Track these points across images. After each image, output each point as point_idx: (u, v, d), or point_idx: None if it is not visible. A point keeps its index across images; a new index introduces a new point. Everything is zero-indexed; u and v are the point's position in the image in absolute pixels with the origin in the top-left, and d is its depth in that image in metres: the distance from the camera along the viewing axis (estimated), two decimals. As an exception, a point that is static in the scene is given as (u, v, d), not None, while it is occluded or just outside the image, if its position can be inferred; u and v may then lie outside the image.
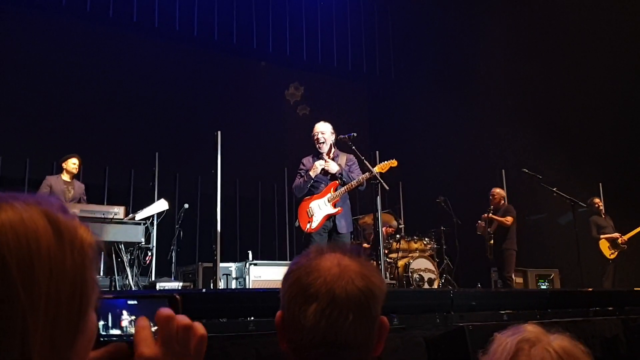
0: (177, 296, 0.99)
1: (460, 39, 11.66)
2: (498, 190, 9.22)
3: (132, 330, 1.04)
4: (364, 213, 9.28)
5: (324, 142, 6.00)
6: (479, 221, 9.05)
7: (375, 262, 6.39)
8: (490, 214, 8.93)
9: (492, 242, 8.96)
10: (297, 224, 5.99)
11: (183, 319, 0.90)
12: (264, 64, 12.45)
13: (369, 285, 1.18)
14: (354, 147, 5.88)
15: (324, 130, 6.04)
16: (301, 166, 6.11)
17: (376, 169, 5.95)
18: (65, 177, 7.44)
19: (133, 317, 1.05)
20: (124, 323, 1.06)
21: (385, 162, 6.07)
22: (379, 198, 5.91)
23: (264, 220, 11.52)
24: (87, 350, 0.81)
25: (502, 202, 9.12)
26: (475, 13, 11.36)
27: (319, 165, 5.93)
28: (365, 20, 13.09)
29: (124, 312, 1.06)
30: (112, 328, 1.03)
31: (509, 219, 8.84)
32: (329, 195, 5.89)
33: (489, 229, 8.92)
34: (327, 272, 1.17)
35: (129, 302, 1.06)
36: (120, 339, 1.02)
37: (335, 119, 6.28)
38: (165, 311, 0.89)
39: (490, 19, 11.00)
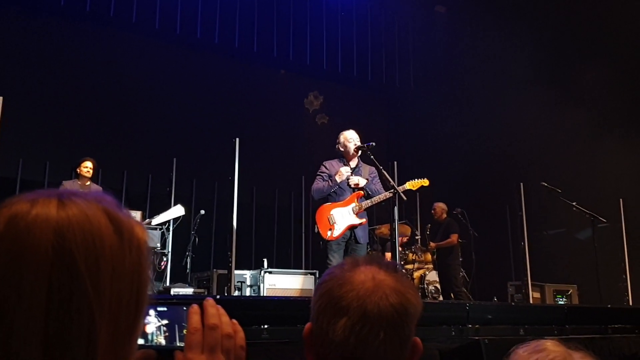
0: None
1: (480, 50, 11.60)
2: (439, 204, 9.48)
3: (160, 338, 1.03)
4: (381, 223, 9.25)
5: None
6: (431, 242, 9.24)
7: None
8: (432, 243, 9.17)
9: (435, 257, 9.17)
10: (316, 229, 5.89)
11: (227, 327, 0.92)
12: (283, 72, 12.47)
13: (403, 302, 1.12)
14: (372, 157, 5.85)
15: (359, 139, 6.05)
16: (323, 169, 6.02)
17: (407, 186, 5.96)
18: (80, 181, 7.47)
19: (164, 322, 1.04)
20: (150, 329, 1.04)
21: (418, 180, 6.07)
22: (396, 209, 5.85)
23: (280, 228, 11.51)
24: (136, 347, 0.81)
25: (444, 215, 9.41)
26: (495, 23, 11.30)
27: (345, 172, 5.88)
28: (385, 30, 13.08)
29: (151, 318, 1.04)
30: None
31: (453, 238, 9.04)
32: (352, 205, 5.82)
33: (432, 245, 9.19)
34: (361, 286, 1.12)
35: (159, 308, 1.04)
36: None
37: (354, 129, 6.25)
38: (213, 320, 0.91)
39: (510, 30, 10.94)
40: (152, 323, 1.03)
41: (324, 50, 12.19)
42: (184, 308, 0.97)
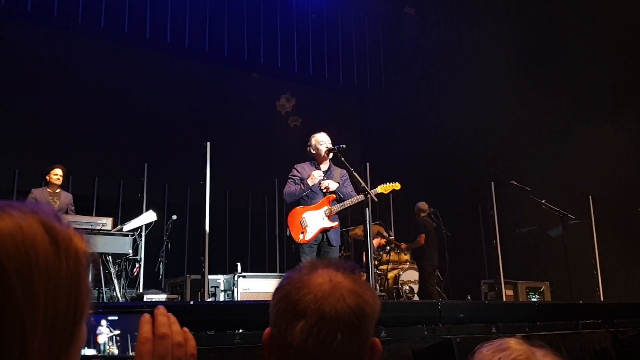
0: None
1: (449, 50, 11.70)
2: (418, 204, 9.53)
3: (113, 348, 1.02)
4: (354, 225, 9.26)
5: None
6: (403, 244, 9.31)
7: (365, 274, 6.36)
8: (403, 244, 9.23)
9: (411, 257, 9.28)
10: (288, 232, 5.92)
11: (178, 336, 0.92)
12: (255, 75, 12.44)
13: (360, 303, 1.13)
14: (343, 159, 5.87)
15: (330, 141, 6.06)
16: (294, 172, 6.03)
17: (379, 189, 6.00)
18: (50, 188, 7.37)
19: (117, 333, 1.03)
20: (102, 339, 1.03)
21: (389, 184, 6.11)
22: (368, 210, 5.88)
23: (253, 232, 11.45)
24: (78, 357, 0.81)
25: (422, 214, 9.44)
26: (463, 24, 11.41)
27: (317, 175, 5.89)
28: (356, 32, 13.12)
29: (102, 328, 1.03)
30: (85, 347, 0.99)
31: (420, 239, 9.12)
32: (325, 208, 5.84)
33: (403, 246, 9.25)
34: (318, 289, 1.12)
35: (110, 317, 1.04)
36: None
37: (326, 131, 6.26)
38: (163, 329, 0.91)
39: (478, 31, 11.06)
40: (104, 333, 1.02)
41: (295, 53, 12.19)
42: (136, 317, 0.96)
